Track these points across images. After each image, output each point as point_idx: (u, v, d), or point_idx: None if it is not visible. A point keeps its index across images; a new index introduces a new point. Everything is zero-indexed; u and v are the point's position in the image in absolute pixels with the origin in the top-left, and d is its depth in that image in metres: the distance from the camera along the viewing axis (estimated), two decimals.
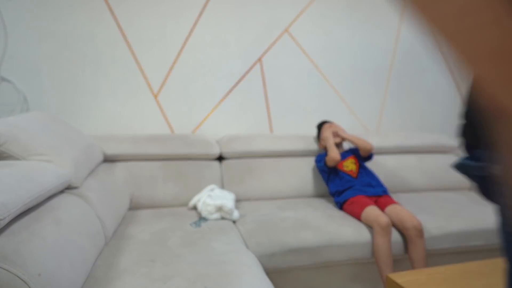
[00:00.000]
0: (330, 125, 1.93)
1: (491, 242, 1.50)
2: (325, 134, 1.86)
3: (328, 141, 1.80)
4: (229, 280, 0.92)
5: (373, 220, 1.41)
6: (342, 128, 1.91)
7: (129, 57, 2.00)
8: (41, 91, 1.89)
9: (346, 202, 1.62)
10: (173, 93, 2.07)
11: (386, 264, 1.33)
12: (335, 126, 1.91)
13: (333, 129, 1.87)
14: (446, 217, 1.54)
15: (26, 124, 1.15)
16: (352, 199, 1.60)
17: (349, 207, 1.58)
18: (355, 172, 1.76)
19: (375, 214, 1.43)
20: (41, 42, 1.87)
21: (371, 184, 1.71)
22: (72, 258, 0.84)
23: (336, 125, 1.94)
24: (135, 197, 1.67)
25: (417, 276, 1.06)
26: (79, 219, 1.01)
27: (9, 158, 1.04)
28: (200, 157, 1.83)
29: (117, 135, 1.82)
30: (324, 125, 1.95)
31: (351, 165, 1.78)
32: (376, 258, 1.36)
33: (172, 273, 0.95)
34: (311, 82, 2.27)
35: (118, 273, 0.95)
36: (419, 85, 2.51)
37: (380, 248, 1.35)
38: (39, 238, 0.77)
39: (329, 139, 1.80)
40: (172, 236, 1.24)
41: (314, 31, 2.26)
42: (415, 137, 2.20)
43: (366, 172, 1.79)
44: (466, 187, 2.13)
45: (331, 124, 1.95)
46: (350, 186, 1.68)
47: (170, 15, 2.03)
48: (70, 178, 1.12)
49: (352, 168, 1.77)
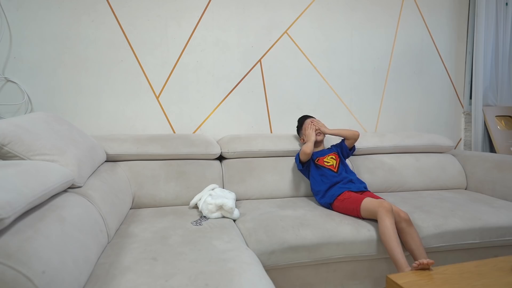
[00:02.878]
0: (312, 121, 1.93)
1: (486, 239, 1.51)
2: (308, 131, 1.88)
3: (310, 138, 1.83)
4: (229, 278, 0.93)
5: (377, 205, 1.42)
6: (323, 124, 1.93)
7: (131, 58, 2.01)
8: (45, 92, 1.91)
9: (335, 200, 1.62)
10: (174, 94, 2.09)
11: (396, 242, 1.33)
12: (317, 123, 1.92)
13: (315, 127, 1.88)
14: (442, 216, 1.55)
15: (30, 125, 1.16)
16: (341, 196, 1.61)
17: (341, 204, 1.59)
18: (335, 166, 1.79)
19: (376, 200, 1.46)
20: (44, 44, 1.89)
21: (352, 180, 1.74)
22: (75, 256, 0.85)
23: (318, 120, 1.95)
24: (137, 196, 1.68)
25: (418, 277, 1.06)
26: (82, 218, 1.02)
27: (13, 158, 1.05)
28: (201, 157, 1.84)
29: (120, 135, 1.83)
30: (306, 121, 1.95)
31: (331, 161, 1.81)
32: (385, 240, 1.35)
33: (173, 271, 0.96)
34: (310, 83, 2.29)
35: (120, 271, 0.96)
36: (416, 86, 2.52)
37: (389, 228, 1.35)
38: (43, 236, 0.78)
39: (311, 136, 1.83)
40: (174, 235, 1.25)
41: (313, 33, 2.28)
42: (412, 137, 2.21)
43: (346, 169, 1.82)
44: (462, 186, 2.14)
45: (312, 120, 1.95)
46: (334, 183, 1.70)
47: (171, 17, 2.05)
48: (74, 177, 1.13)
49: (333, 163, 1.81)
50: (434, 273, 1.09)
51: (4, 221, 0.69)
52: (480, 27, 2.47)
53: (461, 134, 2.68)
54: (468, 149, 2.63)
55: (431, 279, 1.05)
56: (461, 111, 2.66)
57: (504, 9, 2.58)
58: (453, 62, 2.60)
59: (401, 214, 1.43)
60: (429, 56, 2.53)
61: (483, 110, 2.55)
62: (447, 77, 2.59)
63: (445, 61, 2.57)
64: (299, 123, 2.01)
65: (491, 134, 2.54)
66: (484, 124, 2.57)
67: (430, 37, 2.52)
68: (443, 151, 2.26)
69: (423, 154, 2.19)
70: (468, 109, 2.63)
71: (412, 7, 2.46)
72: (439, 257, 1.49)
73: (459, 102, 2.65)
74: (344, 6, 2.32)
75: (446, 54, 2.57)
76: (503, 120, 2.60)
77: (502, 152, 2.47)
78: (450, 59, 2.58)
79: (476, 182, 2.09)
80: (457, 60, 2.61)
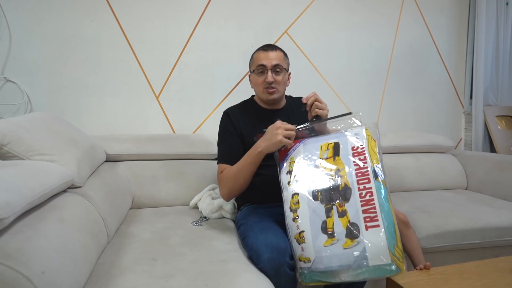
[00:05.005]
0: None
1: (487, 240, 1.51)
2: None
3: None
4: (229, 278, 0.93)
5: None
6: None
7: (131, 58, 2.01)
8: (44, 91, 1.90)
9: None
10: (174, 94, 2.09)
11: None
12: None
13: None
14: (443, 216, 1.55)
15: (29, 125, 1.16)
16: None
17: None
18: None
19: None
20: (44, 43, 1.88)
21: None
22: (75, 256, 0.85)
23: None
24: (137, 196, 1.68)
25: (418, 277, 1.07)
26: (82, 218, 1.02)
27: (13, 158, 1.05)
28: (201, 157, 1.84)
29: (119, 135, 1.84)
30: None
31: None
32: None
33: (173, 271, 0.96)
34: (310, 82, 2.28)
35: (120, 271, 0.96)
36: (417, 86, 2.52)
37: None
38: (43, 237, 0.78)
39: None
40: (174, 235, 1.25)
41: (313, 32, 2.28)
42: (413, 137, 2.21)
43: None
44: (463, 187, 2.14)
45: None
46: None
47: (171, 17, 2.05)
48: (73, 177, 1.13)
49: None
50: (434, 273, 1.09)
51: (4, 221, 0.69)
52: (480, 27, 2.47)
53: (462, 134, 2.67)
54: (469, 149, 2.63)
55: (431, 279, 1.05)
56: (462, 111, 2.66)
57: (504, 8, 2.58)
58: (453, 62, 2.59)
59: (399, 215, 1.42)
60: (429, 56, 2.53)
61: (484, 110, 2.55)
62: (447, 77, 2.59)
63: (445, 61, 2.57)
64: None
65: (492, 134, 2.54)
66: (484, 124, 2.57)
67: (430, 37, 2.52)
68: (443, 151, 2.26)
69: (423, 154, 2.19)
70: (469, 109, 2.63)
71: (412, 7, 2.46)
72: (439, 258, 1.49)
73: (460, 102, 2.64)
74: (344, 6, 2.32)
75: (446, 53, 2.57)
76: (503, 120, 2.60)
77: (502, 152, 2.47)
78: (450, 58, 2.58)
79: (476, 182, 2.08)
80: (458, 60, 2.60)
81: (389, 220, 0.92)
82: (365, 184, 0.96)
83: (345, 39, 2.34)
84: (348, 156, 1.03)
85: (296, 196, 1.05)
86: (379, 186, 0.96)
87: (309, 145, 1.12)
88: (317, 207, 0.99)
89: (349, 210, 0.95)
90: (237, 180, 1.26)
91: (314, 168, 1.06)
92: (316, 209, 0.99)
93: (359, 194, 0.96)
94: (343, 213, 0.95)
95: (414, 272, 1.13)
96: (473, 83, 2.55)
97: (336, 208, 0.97)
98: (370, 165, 0.98)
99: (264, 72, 1.34)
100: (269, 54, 1.34)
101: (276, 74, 1.34)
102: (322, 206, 0.99)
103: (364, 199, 0.94)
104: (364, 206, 0.93)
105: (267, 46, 1.38)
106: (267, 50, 1.35)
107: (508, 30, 2.60)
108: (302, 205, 1.02)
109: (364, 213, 0.93)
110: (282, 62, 1.35)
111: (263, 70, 1.34)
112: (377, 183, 0.96)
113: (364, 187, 0.96)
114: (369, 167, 0.98)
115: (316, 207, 0.99)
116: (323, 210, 0.98)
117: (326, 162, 1.05)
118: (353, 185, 0.97)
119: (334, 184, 1.00)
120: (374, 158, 1.00)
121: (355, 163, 1.01)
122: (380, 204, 0.92)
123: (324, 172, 1.04)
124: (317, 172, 1.05)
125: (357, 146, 1.04)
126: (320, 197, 1.00)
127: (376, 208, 0.92)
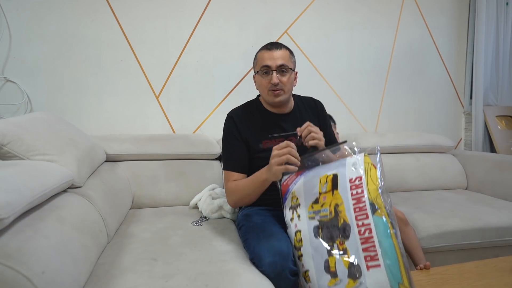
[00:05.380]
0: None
1: (487, 240, 1.51)
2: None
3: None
4: (229, 278, 0.93)
5: None
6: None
7: (131, 58, 2.01)
8: (44, 91, 1.90)
9: None
10: (174, 94, 2.09)
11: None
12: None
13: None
14: (443, 216, 1.55)
15: (29, 125, 1.16)
16: None
17: None
18: None
19: None
20: (44, 43, 1.88)
21: None
22: (75, 256, 0.85)
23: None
24: (137, 197, 1.68)
25: (418, 277, 1.07)
26: (82, 218, 1.02)
27: (13, 158, 1.05)
28: (201, 157, 1.84)
29: (119, 135, 1.83)
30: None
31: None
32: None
33: (173, 272, 0.96)
34: (310, 82, 2.28)
35: (120, 271, 0.96)
36: (417, 86, 2.52)
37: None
38: (43, 237, 0.78)
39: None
40: (174, 235, 1.25)
41: (313, 32, 2.28)
42: (413, 137, 2.21)
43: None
44: (463, 187, 2.14)
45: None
46: None
47: (171, 17, 2.05)
48: (73, 177, 1.13)
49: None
50: (434, 273, 1.09)
51: (4, 221, 0.69)
52: (480, 27, 2.47)
53: (462, 134, 2.67)
54: (469, 149, 2.63)
55: (431, 279, 1.05)
56: (462, 111, 2.66)
57: (504, 8, 2.58)
58: (453, 62, 2.59)
59: (397, 213, 1.42)
60: (429, 56, 2.53)
61: (484, 110, 2.55)
62: (447, 77, 2.59)
63: (445, 61, 2.57)
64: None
65: (492, 134, 2.54)
66: (484, 124, 2.57)
67: (430, 37, 2.52)
68: (443, 151, 2.26)
69: (423, 154, 2.19)
70: (469, 109, 2.63)
71: (412, 7, 2.46)
72: (439, 258, 1.49)
73: (460, 102, 2.64)
74: (344, 6, 2.32)
75: (446, 54, 2.57)
76: (503, 120, 2.60)
77: (502, 152, 2.47)
78: (450, 58, 2.58)
79: (476, 182, 2.08)
80: (457, 60, 2.60)
81: (392, 257, 0.86)
82: (363, 220, 0.91)
83: (345, 39, 2.34)
84: (346, 189, 0.97)
85: (298, 234, 1.02)
86: (378, 221, 0.90)
87: (309, 178, 1.07)
88: (319, 245, 0.96)
89: (349, 249, 0.90)
90: (243, 199, 1.25)
91: (314, 204, 1.02)
92: (318, 247, 0.96)
93: (358, 231, 0.91)
94: (344, 252, 0.91)
95: (414, 272, 1.13)
96: (473, 83, 2.55)
97: (337, 246, 0.93)
98: (368, 199, 0.93)
99: (268, 73, 1.26)
100: (274, 54, 1.25)
101: (282, 74, 1.26)
102: (324, 244, 0.95)
103: (363, 236, 0.90)
104: (363, 244, 0.89)
105: (271, 44, 1.29)
106: (271, 49, 1.26)
107: (508, 30, 2.60)
108: (305, 243, 0.99)
109: (365, 251, 0.88)
110: (287, 62, 1.26)
111: (267, 70, 1.26)
112: (376, 217, 0.91)
113: (363, 223, 0.91)
114: (367, 201, 0.93)
115: (318, 245, 0.96)
116: (324, 249, 0.95)
117: (325, 197, 1.00)
118: (351, 221, 0.92)
119: (334, 221, 0.96)
120: (372, 189, 0.94)
121: (353, 197, 0.95)
122: (379, 241, 0.88)
123: (323, 207, 0.99)
124: (317, 208, 1.01)
125: (354, 178, 0.98)
126: (321, 235, 0.97)
127: (375, 246, 0.87)
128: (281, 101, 1.30)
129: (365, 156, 1.01)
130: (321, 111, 1.45)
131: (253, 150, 1.31)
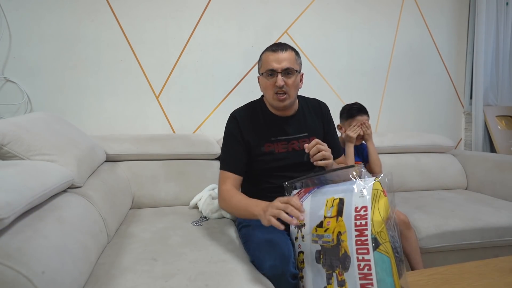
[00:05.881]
0: (363, 123, 1.69)
1: (487, 240, 1.51)
2: (351, 134, 1.66)
3: (349, 147, 1.66)
4: (230, 278, 0.93)
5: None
6: (371, 132, 1.71)
7: (131, 58, 2.01)
8: (44, 91, 1.90)
9: None
10: (174, 94, 2.09)
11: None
12: (366, 128, 1.69)
13: (360, 131, 1.68)
14: (443, 216, 1.55)
15: (29, 125, 1.16)
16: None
17: None
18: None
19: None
20: (44, 43, 1.88)
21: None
22: (75, 256, 0.85)
23: (368, 124, 1.71)
24: (137, 197, 1.68)
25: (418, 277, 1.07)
26: (82, 218, 1.02)
27: (13, 158, 1.05)
28: (201, 156, 1.84)
29: (119, 135, 1.83)
30: (356, 118, 1.70)
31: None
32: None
33: (173, 271, 0.96)
34: (310, 82, 2.28)
35: (120, 271, 0.96)
36: (416, 86, 2.52)
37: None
38: (43, 237, 0.78)
39: (352, 142, 1.67)
40: (174, 235, 1.25)
41: (313, 32, 2.28)
42: (413, 137, 2.21)
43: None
44: (463, 187, 2.14)
45: (365, 121, 1.70)
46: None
47: (171, 17, 2.05)
48: (73, 177, 1.13)
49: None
50: (434, 273, 1.09)
51: (4, 221, 0.69)
52: (480, 27, 2.47)
53: (462, 134, 2.67)
54: (469, 149, 2.63)
55: (431, 279, 1.05)
56: (462, 111, 2.66)
57: (504, 8, 2.58)
58: (453, 62, 2.59)
59: (400, 216, 1.41)
60: (429, 56, 2.53)
61: (484, 110, 2.55)
62: (447, 77, 2.59)
63: (445, 61, 2.57)
64: (350, 113, 1.74)
65: (492, 134, 2.54)
66: (484, 124, 2.57)
67: (430, 37, 2.52)
68: (443, 151, 2.26)
69: (423, 154, 2.19)
70: (469, 109, 2.63)
71: (412, 7, 2.46)
72: (439, 258, 1.49)
73: (460, 102, 2.64)
74: (344, 6, 2.32)
75: (446, 54, 2.57)
76: (503, 120, 2.60)
77: (502, 152, 2.47)
78: (450, 59, 2.58)
79: (476, 182, 2.08)
80: (457, 60, 2.61)
81: None
82: (364, 255, 0.87)
83: (345, 39, 2.34)
84: (350, 218, 0.92)
85: (301, 255, 1.00)
86: (379, 258, 0.86)
87: (317, 197, 1.03)
88: (319, 271, 0.94)
89: (348, 281, 0.88)
90: (231, 212, 1.32)
91: (318, 227, 0.98)
92: (319, 272, 0.95)
93: (357, 265, 0.87)
94: (342, 283, 0.89)
95: (414, 272, 1.13)
96: (473, 83, 2.55)
97: (336, 276, 0.90)
98: (370, 233, 0.87)
99: (273, 75, 1.22)
100: (279, 56, 1.21)
101: (287, 77, 1.22)
102: (324, 271, 0.93)
103: (363, 272, 0.86)
104: (362, 280, 0.85)
105: (276, 46, 1.24)
106: (277, 51, 1.22)
107: (508, 30, 2.60)
108: (306, 266, 0.98)
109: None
110: (293, 64, 1.22)
111: (272, 73, 1.23)
112: (377, 254, 0.86)
113: (363, 258, 0.87)
114: (369, 235, 0.87)
115: (318, 270, 0.95)
116: (324, 275, 0.93)
117: (329, 222, 0.96)
118: (352, 254, 0.89)
119: (335, 249, 0.92)
120: (377, 222, 0.88)
121: (356, 228, 0.91)
122: (378, 280, 0.84)
123: (326, 233, 0.95)
124: (320, 232, 0.97)
125: (360, 207, 0.92)
126: (322, 261, 0.94)
127: (373, 285, 0.84)
128: (286, 106, 1.29)
129: (375, 181, 0.94)
130: (325, 114, 1.43)
131: (254, 153, 1.29)
